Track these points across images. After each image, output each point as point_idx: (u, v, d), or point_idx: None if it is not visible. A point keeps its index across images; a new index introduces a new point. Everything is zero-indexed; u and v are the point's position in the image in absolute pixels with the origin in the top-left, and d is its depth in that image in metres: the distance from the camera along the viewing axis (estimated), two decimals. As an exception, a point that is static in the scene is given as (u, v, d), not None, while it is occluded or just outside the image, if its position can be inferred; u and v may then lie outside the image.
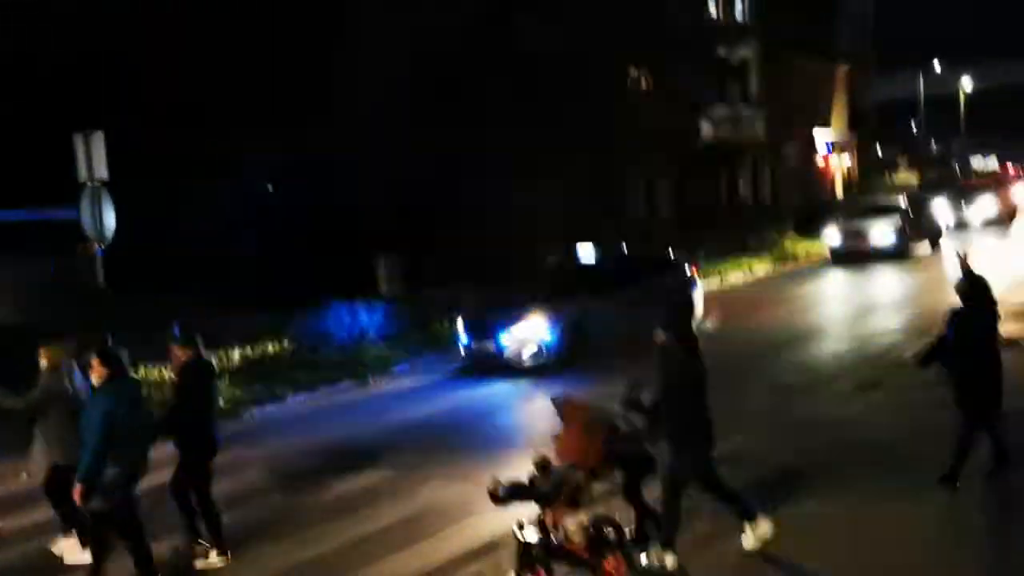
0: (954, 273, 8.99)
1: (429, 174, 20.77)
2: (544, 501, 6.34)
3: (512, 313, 14.88)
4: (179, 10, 19.95)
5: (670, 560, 6.93)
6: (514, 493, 6.38)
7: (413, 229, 20.63)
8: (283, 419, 13.36)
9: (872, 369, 13.20)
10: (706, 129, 30.61)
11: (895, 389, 11.84)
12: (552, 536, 6.31)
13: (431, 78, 20.88)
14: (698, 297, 17.53)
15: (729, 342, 16.55)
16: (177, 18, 19.74)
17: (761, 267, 25.35)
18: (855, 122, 44.92)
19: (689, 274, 17.73)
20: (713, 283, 22.58)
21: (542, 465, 6.43)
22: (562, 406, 7.00)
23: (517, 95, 21.63)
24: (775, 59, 35.36)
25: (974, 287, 8.33)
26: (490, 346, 14.77)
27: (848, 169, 45.40)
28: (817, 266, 25.92)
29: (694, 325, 16.85)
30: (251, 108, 19.67)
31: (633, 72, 26.95)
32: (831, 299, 21.61)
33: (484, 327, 15.00)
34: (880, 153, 55.80)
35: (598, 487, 7.22)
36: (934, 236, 27.54)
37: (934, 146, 70.88)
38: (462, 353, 15.32)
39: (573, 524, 6.37)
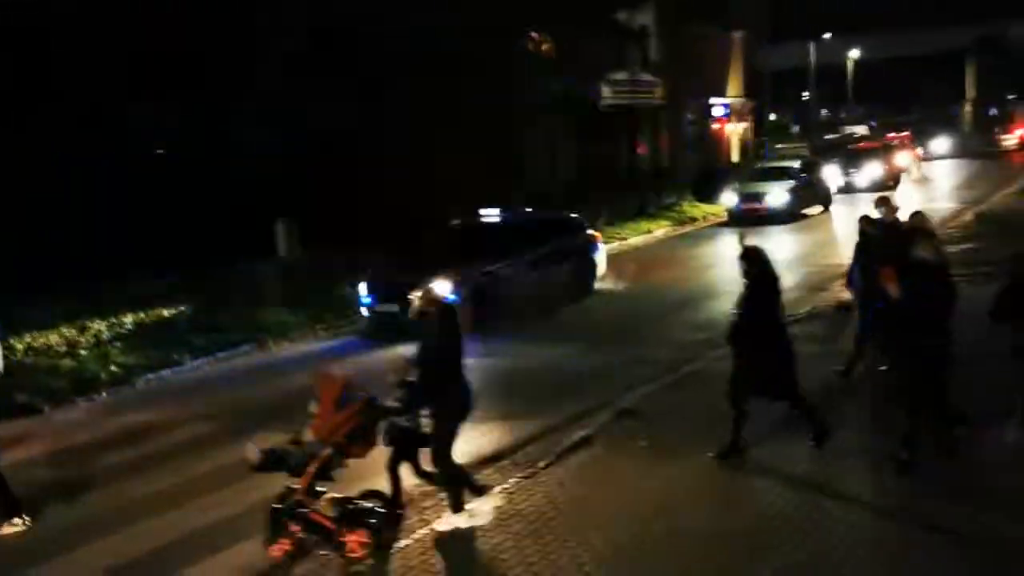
0: (846, 230, 9.29)
1: (328, 140, 20.37)
2: (294, 472, 6.49)
3: (415, 276, 14.77)
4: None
5: (462, 520, 7.14)
6: (266, 463, 6.51)
7: (312, 194, 20.22)
8: (180, 385, 13.04)
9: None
10: (606, 93, 30.73)
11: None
12: (304, 507, 6.42)
13: (328, 47, 20.40)
14: (600, 258, 17.78)
15: (629, 301, 16.93)
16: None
17: (661, 229, 25.78)
18: (750, 89, 45.85)
19: (592, 235, 17.95)
20: (615, 244, 22.89)
21: (295, 440, 6.61)
22: (318, 381, 6.90)
23: (415, 61, 21.35)
24: (673, 25, 35.76)
25: (752, 264, 8.19)
26: (393, 308, 14.64)
27: (744, 134, 46.40)
28: (715, 228, 26.50)
29: (597, 283, 17.25)
30: (143, 71, 18.89)
31: (534, 37, 26.84)
32: (728, 259, 21.91)
33: (387, 290, 14.86)
34: (774, 119, 57.19)
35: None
36: (825, 199, 28.42)
37: (824, 113, 73.08)
38: (364, 315, 15.16)
39: (325, 498, 6.57)
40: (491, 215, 17.00)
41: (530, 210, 19.56)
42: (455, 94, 22.74)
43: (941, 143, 54.36)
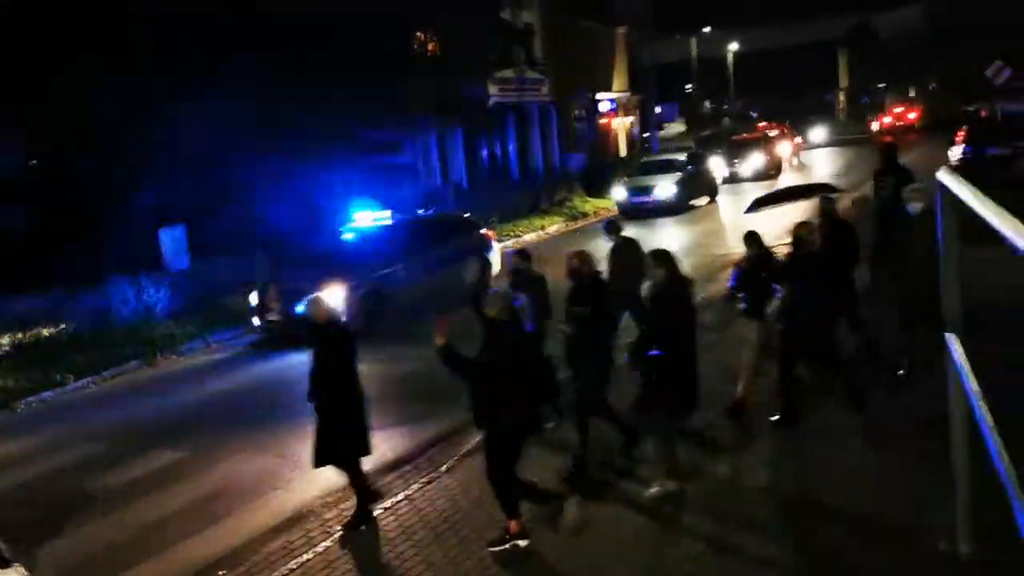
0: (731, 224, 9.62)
1: (208, 143, 19.74)
2: None
3: (307, 282, 14.51)
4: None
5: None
6: None
7: (197, 201, 19.63)
8: (64, 406, 12.51)
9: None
10: (493, 92, 30.85)
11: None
12: None
13: (199, 48, 19.73)
14: (495, 257, 17.80)
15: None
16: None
17: (554, 225, 25.98)
18: (636, 83, 46.69)
19: (486, 234, 17.97)
20: (509, 243, 22.99)
21: None
22: None
23: (298, 60, 20.91)
24: (559, 22, 36.15)
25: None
26: (287, 316, 14.36)
27: (630, 128, 47.20)
28: (606, 222, 26.84)
29: (492, 283, 17.26)
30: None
31: (419, 36, 26.69)
32: (620, 253, 22.45)
33: (281, 297, 14.56)
34: (660, 113, 58.29)
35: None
36: (711, 190, 29.12)
37: (708, 105, 74.91)
38: (256, 325, 14.83)
39: None
40: (384, 217, 16.85)
41: (423, 211, 19.46)
42: (339, 93, 22.37)
43: (818, 131, 56.34)
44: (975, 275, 6.24)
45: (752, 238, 8.86)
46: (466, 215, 18.59)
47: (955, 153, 26.52)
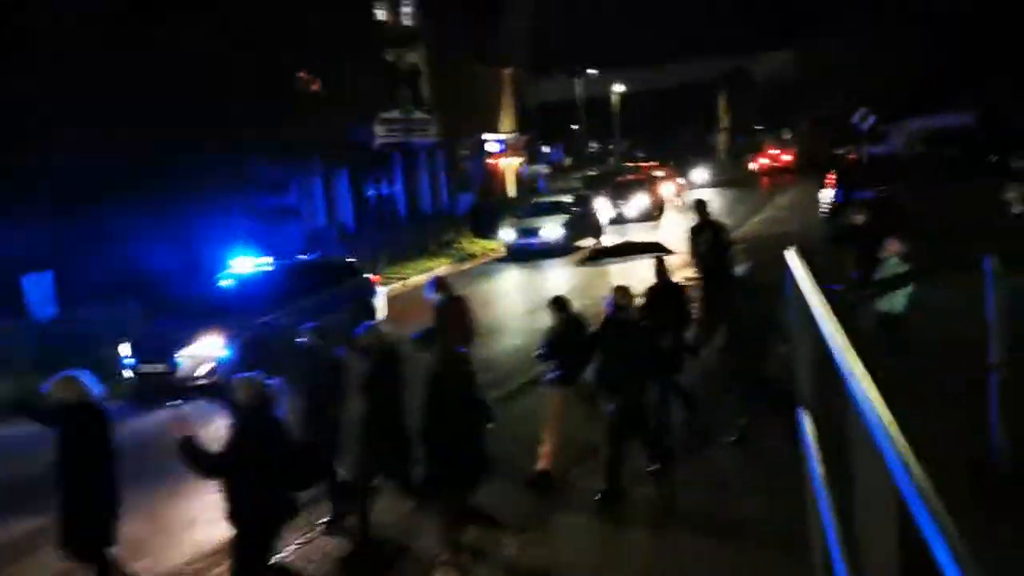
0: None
1: (79, 182, 18.91)
2: None
3: (184, 331, 14.00)
4: None
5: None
6: None
7: (67, 244, 18.75)
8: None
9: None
10: (380, 132, 30.67)
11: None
12: None
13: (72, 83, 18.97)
14: (379, 302, 17.55)
15: (409, 344, 16.73)
16: None
17: (441, 267, 25.83)
18: (523, 123, 47.21)
19: (369, 279, 17.72)
20: (395, 286, 22.75)
21: None
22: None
23: (177, 98, 20.32)
24: (444, 63, 36.32)
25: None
26: (160, 367, 13.79)
27: (518, 168, 47.59)
28: (494, 263, 26.87)
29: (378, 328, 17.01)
30: None
31: (302, 76, 26.36)
32: (508, 295, 22.47)
33: (153, 347, 13.99)
34: (548, 152, 59.00)
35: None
36: (596, 231, 29.50)
37: (593, 146, 76.27)
38: (128, 377, 14.16)
39: None
40: (265, 262, 16.41)
41: (305, 255, 19.05)
42: (225, 135, 21.82)
43: (700, 172, 58.01)
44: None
45: (557, 303, 8.64)
46: (349, 259, 18.29)
47: (825, 196, 27.57)
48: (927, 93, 54.53)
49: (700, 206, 13.41)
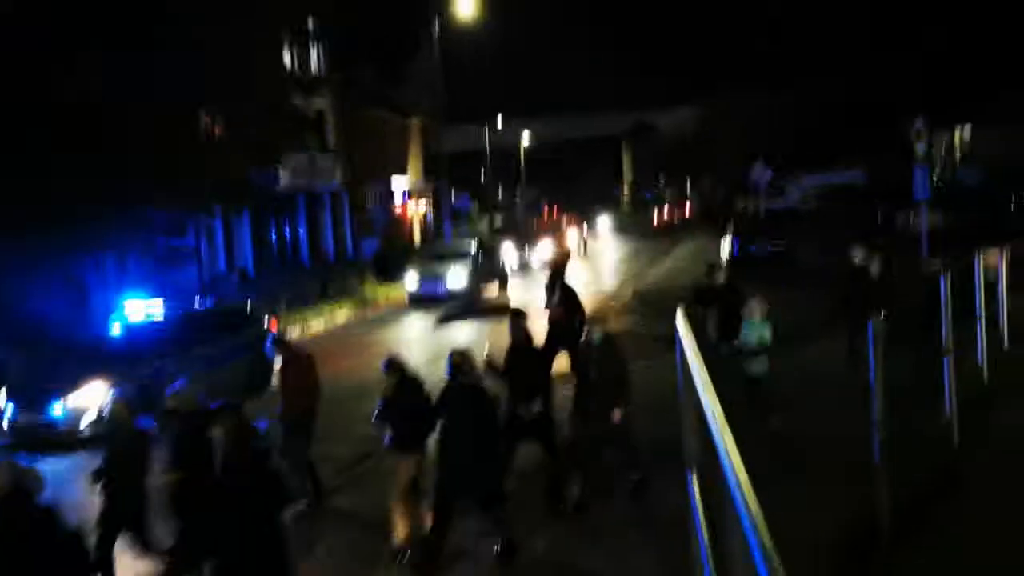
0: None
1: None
2: None
3: (67, 380, 13.40)
4: None
5: None
6: None
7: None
8: None
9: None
10: (284, 177, 30.30)
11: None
12: None
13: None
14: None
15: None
16: None
17: (343, 314, 25.48)
18: (430, 171, 47.30)
19: (268, 326, 17.30)
20: (295, 333, 22.32)
21: None
22: None
23: (71, 143, 19.68)
24: (352, 110, 36.23)
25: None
26: (41, 418, 13.14)
27: (424, 215, 47.59)
28: (397, 311, 26.62)
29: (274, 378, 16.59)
30: None
31: (205, 120, 25.86)
32: (410, 343, 22.22)
33: (34, 398, 13.33)
34: (453, 200, 59.22)
35: None
36: (502, 279, 29.55)
37: (501, 194, 76.93)
38: (5, 429, 13.45)
39: None
40: (159, 309, 15.90)
41: (201, 301, 18.56)
42: (122, 180, 21.17)
43: (605, 222, 58.98)
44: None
45: (392, 365, 8.29)
46: (247, 305, 17.85)
47: (725, 249, 28.28)
48: (822, 150, 56.80)
49: (556, 265, 13.18)
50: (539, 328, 11.62)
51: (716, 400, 2.72)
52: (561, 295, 12.27)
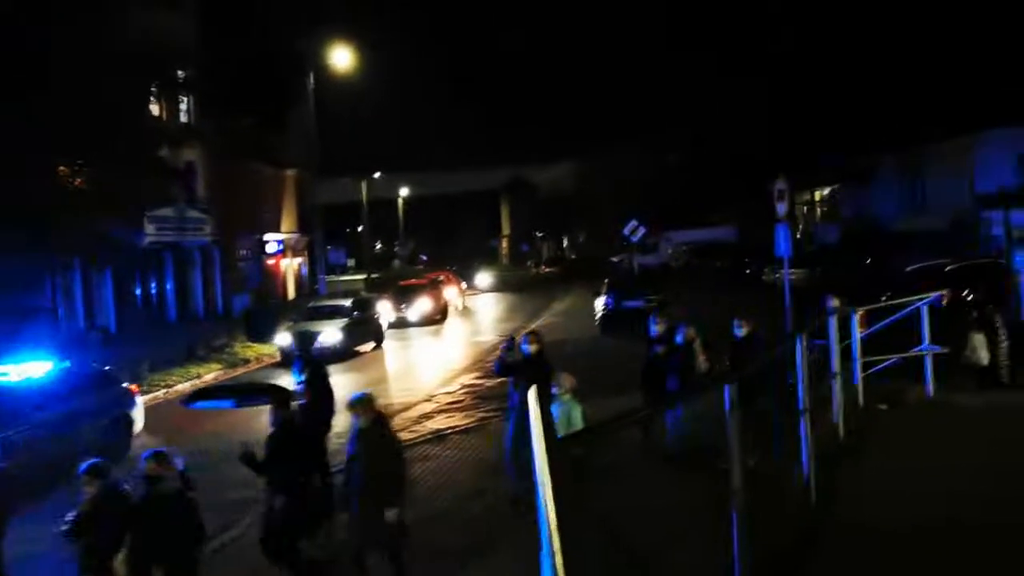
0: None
1: None
2: None
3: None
4: None
5: None
6: None
7: None
8: None
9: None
10: (150, 231, 29.32)
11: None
12: None
13: None
14: (138, 414, 16.37)
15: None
16: None
17: (211, 373, 24.58)
18: (305, 225, 46.59)
19: (127, 388, 16.52)
20: (159, 394, 21.42)
21: None
22: None
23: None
24: (223, 162, 35.45)
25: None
26: None
27: (299, 270, 46.78)
28: (269, 369, 25.87)
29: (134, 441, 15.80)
30: None
31: (64, 170, 24.78)
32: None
33: None
34: (329, 255, 58.54)
35: None
36: (377, 335, 29.17)
37: (378, 247, 76.56)
38: None
39: None
40: (3, 371, 14.96)
41: (55, 362, 17.57)
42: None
43: (483, 277, 59.19)
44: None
45: (92, 471, 7.10)
46: (105, 367, 17.02)
47: (599, 304, 28.69)
48: (694, 207, 58.78)
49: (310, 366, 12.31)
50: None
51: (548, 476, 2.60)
52: (310, 375, 11.57)
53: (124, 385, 16.64)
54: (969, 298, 14.58)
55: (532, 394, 7.95)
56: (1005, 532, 6.66)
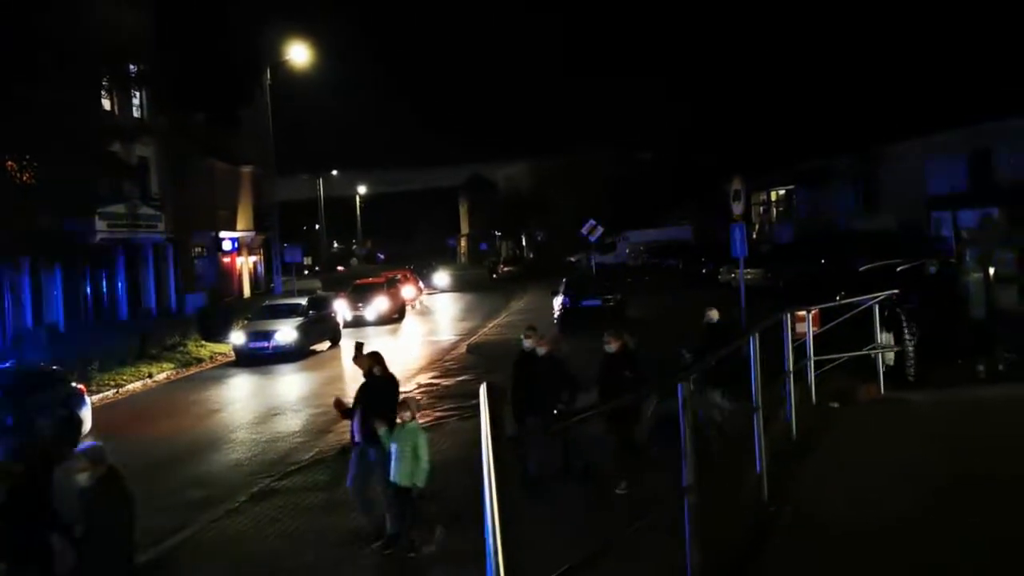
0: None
1: None
2: None
3: None
4: None
5: None
6: None
7: None
8: None
9: (270, 476, 13.08)
10: (102, 228, 28.79)
11: (290, 493, 11.93)
12: None
13: None
14: (86, 413, 16.07)
15: (120, 458, 15.35)
16: None
17: (163, 373, 24.21)
18: (261, 223, 46.13)
19: (76, 388, 16.20)
20: (108, 394, 21.07)
21: None
22: None
23: None
24: (178, 159, 34.94)
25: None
26: None
27: (255, 267, 46.28)
28: (223, 368, 25.57)
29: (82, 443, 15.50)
30: None
31: (9, 166, 24.23)
32: (236, 402, 21.28)
33: None
34: (285, 252, 58.05)
35: None
36: (333, 334, 28.92)
37: (336, 245, 76.05)
38: None
39: None
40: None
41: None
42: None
43: (441, 276, 58.98)
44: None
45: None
46: (53, 367, 16.67)
47: (556, 303, 28.71)
48: (652, 207, 59.11)
49: None
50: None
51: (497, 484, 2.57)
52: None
53: (72, 385, 16.33)
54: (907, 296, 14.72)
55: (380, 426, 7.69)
56: (951, 527, 6.74)
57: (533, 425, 10.06)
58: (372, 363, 9.71)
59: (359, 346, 10.31)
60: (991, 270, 15.74)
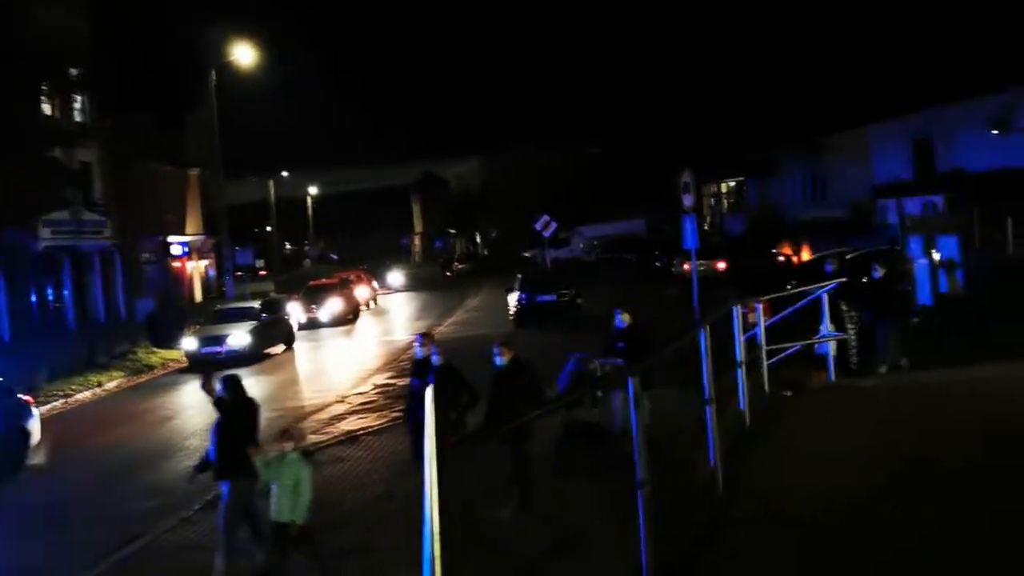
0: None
1: None
2: None
3: None
4: None
5: None
6: None
7: None
8: None
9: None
10: (45, 235, 28.22)
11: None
12: None
13: None
14: (34, 425, 15.71)
15: (72, 470, 15.09)
16: None
17: (113, 381, 23.80)
18: (211, 226, 45.52)
19: (22, 400, 15.83)
20: (57, 404, 20.66)
21: None
22: None
23: None
24: (122, 162, 34.35)
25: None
26: None
27: (205, 272, 45.69)
28: (175, 375, 25.20)
29: (29, 459, 15.15)
30: None
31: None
32: (188, 409, 20.97)
33: None
34: (237, 255, 57.42)
35: None
36: (287, 337, 28.65)
37: (288, 247, 75.36)
38: None
39: None
40: None
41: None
42: None
43: (395, 275, 58.64)
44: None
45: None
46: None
47: (512, 300, 28.71)
48: (604, 202, 59.38)
49: None
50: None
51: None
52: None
53: (19, 396, 15.95)
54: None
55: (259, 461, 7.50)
56: (905, 510, 6.85)
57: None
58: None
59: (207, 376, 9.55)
60: (935, 256, 16.01)
